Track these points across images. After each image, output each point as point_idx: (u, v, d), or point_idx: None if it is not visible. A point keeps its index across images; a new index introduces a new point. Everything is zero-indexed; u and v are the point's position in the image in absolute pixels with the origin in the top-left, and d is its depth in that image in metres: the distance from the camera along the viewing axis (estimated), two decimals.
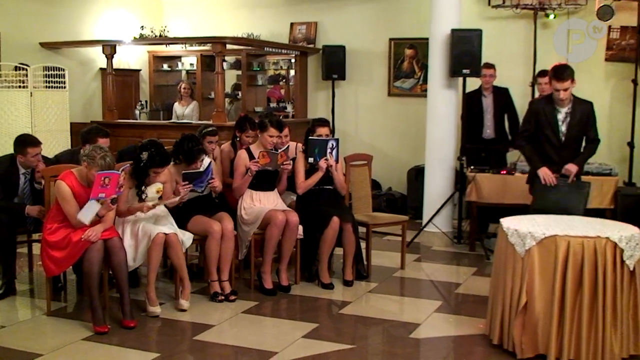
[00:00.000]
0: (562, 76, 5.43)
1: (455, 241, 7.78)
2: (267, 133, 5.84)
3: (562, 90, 5.44)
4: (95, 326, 4.86)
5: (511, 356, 4.42)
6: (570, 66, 5.56)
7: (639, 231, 4.44)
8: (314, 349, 4.60)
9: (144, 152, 5.25)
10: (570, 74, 5.45)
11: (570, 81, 5.45)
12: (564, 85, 5.43)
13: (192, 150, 5.54)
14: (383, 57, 10.05)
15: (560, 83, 5.44)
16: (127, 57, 10.85)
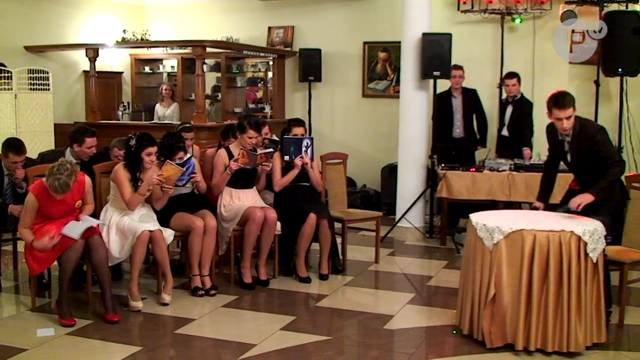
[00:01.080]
0: (563, 103, 4.95)
1: (427, 236, 7.96)
2: (246, 135, 5.96)
3: (565, 118, 4.96)
4: (62, 319, 4.96)
5: (481, 346, 4.54)
6: (569, 93, 5.07)
7: (602, 225, 4.59)
8: (291, 340, 4.70)
9: (131, 139, 5.40)
10: (571, 100, 4.98)
11: (571, 109, 4.96)
12: (566, 113, 4.95)
13: (171, 146, 5.63)
14: (357, 59, 10.22)
15: (561, 111, 4.94)
16: (109, 60, 10.94)
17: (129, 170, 5.44)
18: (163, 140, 5.71)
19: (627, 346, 4.73)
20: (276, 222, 5.94)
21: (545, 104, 5.11)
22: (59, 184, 4.77)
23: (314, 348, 4.61)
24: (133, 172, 5.44)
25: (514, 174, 7.21)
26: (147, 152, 5.43)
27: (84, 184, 5.18)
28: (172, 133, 5.84)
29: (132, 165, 5.44)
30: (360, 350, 4.68)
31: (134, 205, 5.40)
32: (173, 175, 5.43)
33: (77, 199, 5.14)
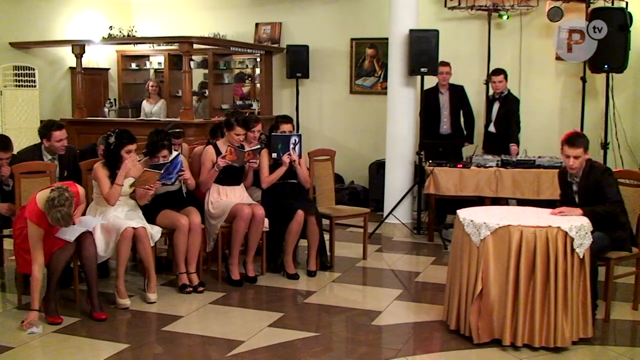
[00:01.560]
0: (574, 142, 5.04)
1: (415, 232, 7.98)
2: (234, 132, 5.96)
3: (573, 157, 5.04)
4: (48, 317, 4.93)
5: (468, 341, 4.57)
6: (585, 135, 5.21)
7: (588, 221, 4.63)
8: (279, 337, 4.70)
9: (110, 136, 5.37)
10: (583, 142, 5.06)
11: (582, 150, 5.03)
12: (575, 152, 5.02)
13: (155, 143, 5.61)
14: (345, 56, 10.22)
15: (571, 149, 5.03)
16: (96, 57, 10.90)
17: (107, 168, 5.42)
18: (150, 136, 5.70)
19: (614, 341, 4.78)
20: (264, 218, 5.94)
21: (560, 141, 5.19)
22: (62, 216, 4.65)
23: (302, 344, 4.61)
24: (112, 169, 5.41)
25: (501, 170, 7.24)
26: (127, 150, 5.41)
27: (79, 196, 5.02)
28: (159, 130, 5.81)
29: (111, 163, 5.42)
30: (348, 347, 4.68)
31: (114, 199, 5.37)
32: (151, 178, 5.43)
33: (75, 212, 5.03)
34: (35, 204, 4.80)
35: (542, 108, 9.00)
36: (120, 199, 5.47)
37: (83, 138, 8.98)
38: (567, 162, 5.11)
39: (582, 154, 5.04)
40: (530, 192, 7.15)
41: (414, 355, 4.46)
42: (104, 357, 4.36)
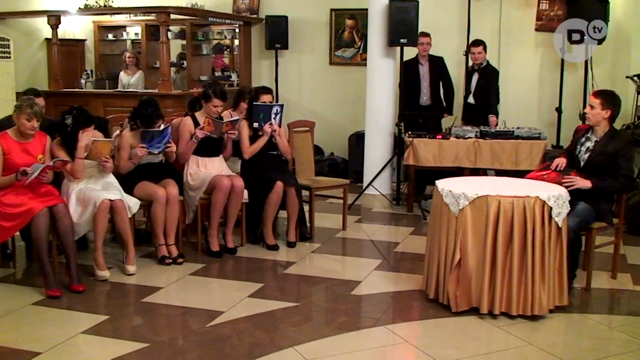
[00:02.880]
0: (597, 93, 5.18)
1: (394, 203, 8.01)
2: (211, 103, 5.92)
3: (590, 105, 5.16)
4: (48, 290, 4.91)
5: (446, 309, 4.62)
6: (609, 92, 5.19)
7: (566, 191, 4.67)
8: (259, 307, 4.72)
9: (67, 117, 5.30)
10: (605, 98, 5.10)
11: (599, 103, 5.08)
12: (592, 102, 5.13)
13: (150, 115, 5.59)
14: (324, 27, 10.15)
15: (592, 97, 5.19)
16: (72, 27, 10.76)
17: (64, 147, 5.33)
18: (141, 108, 5.65)
19: (592, 309, 4.85)
20: (243, 190, 5.93)
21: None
22: (37, 109, 4.99)
23: (282, 314, 4.64)
24: (69, 149, 5.31)
25: (480, 141, 7.28)
26: (84, 131, 5.32)
27: (45, 139, 5.18)
28: (149, 100, 5.74)
29: (68, 144, 5.31)
30: (328, 316, 4.71)
31: (79, 173, 5.31)
32: (104, 149, 5.35)
33: (39, 152, 5.11)
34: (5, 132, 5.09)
35: (521, 79, 9.02)
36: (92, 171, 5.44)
37: (60, 110, 8.85)
38: (587, 110, 5.25)
39: (597, 106, 5.08)
40: (508, 163, 7.21)
41: (393, 324, 4.50)
42: (83, 328, 4.35)
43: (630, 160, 5.14)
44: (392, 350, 4.15)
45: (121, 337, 4.25)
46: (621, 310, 5.00)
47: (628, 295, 5.14)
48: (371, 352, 4.11)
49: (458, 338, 4.29)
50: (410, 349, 4.14)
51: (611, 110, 5.10)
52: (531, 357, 4.02)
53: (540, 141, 7.24)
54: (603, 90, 5.24)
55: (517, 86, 8.97)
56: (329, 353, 4.01)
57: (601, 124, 5.15)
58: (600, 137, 5.17)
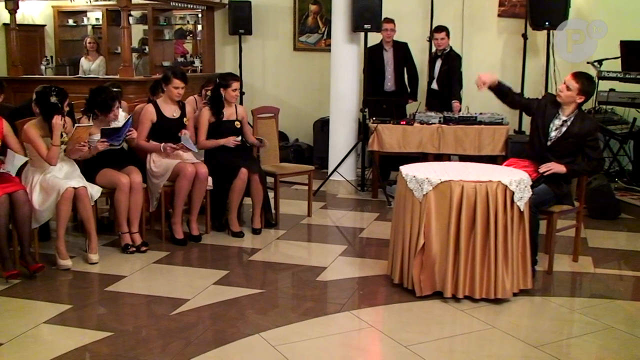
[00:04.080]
0: (575, 75, 5.11)
1: (359, 189, 8.04)
2: (172, 85, 5.89)
3: (566, 85, 5.09)
4: (5, 272, 4.86)
5: (411, 294, 4.65)
6: (591, 79, 5.17)
7: (527, 175, 4.73)
8: (225, 294, 4.71)
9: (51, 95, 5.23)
10: (582, 81, 5.07)
11: (575, 84, 5.05)
12: (570, 82, 5.07)
13: (105, 101, 5.51)
14: (288, 12, 10.10)
15: (570, 77, 5.11)
16: (30, 12, 10.57)
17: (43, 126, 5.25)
18: (94, 97, 5.57)
19: (554, 292, 4.93)
20: (207, 177, 5.90)
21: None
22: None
23: (248, 301, 4.63)
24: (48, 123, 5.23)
25: (443, 127, 7.32)
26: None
27: (2, 123, 5.09)
28: (98, 88, 5.65)
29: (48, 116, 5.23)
30: (293, 302, 4.72)
31: (55, 159, 5.22)
32: (83, 134, 5.29)
33: None
34: None
35: (484, 65, 9.02)
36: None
37: (19, 97, 8.72)
38: (560, 87, 5.19)
39: (574, 90, 5.05)
40: (472, 148, 7.27)
41: (359, 309, 4.52)
42: (45, 318, 4.29)
43: (599, 143, 5.24)
44: (358, 335, 4.17)
45: (85, 327, 4.21)
46: (583, 292, 5.09)
47: (589, 278, 5.22)
48: (337, 337, 4.13)
49: (422, 322, 4.33)
50: (375, 334, 4.17)
51: (585, 97, 5.14)
52: (495, 340, 4.08)
53: (502, 126, 7.30)
54: (584, 74, 5.18)
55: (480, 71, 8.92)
56: (295, 339, 4.02)
57: (570, 105, 5.17)
58: (569, 117, 5.17)
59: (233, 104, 6.31)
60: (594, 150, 5.17)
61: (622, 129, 8.02)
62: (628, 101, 7.85)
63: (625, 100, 7.87)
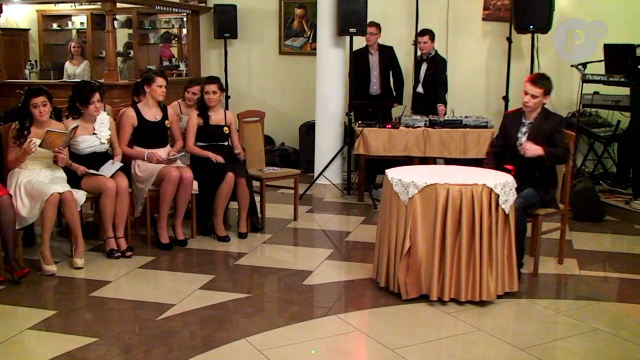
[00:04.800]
0: (536, 82, 5.12)
1: (345, 192, 8.04)
2: (156, 84, 5.88)
3: (531, 95, 5.10)
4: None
5: (397, 297, 4.66)
6: (548, 78, 5.22)
7: (512, 178, 4.75)
8: (211, 299, 4.70)
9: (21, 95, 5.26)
10: (545, 85, 5.11)
11: (541, 91, 5.08)
12: (534, 91, 5.09)
13: (84, 91, 5.52)
14: (274, 16, 10.09)
15: (532, 86, 5.10)
16: (14, 16, 10.50)
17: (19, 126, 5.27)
18: (74, 89, 5.58)
19: (539, 294, 4.95)
20: (192, 181, 5.88)
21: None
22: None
23: (234, 306, 4.62)
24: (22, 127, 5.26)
25: (429, 130, 7.34)
26: (33, 104, 5.24)
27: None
28: (82, 81, 5.65)
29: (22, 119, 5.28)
30: (280, 306, 4.71)
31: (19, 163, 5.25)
32: (58, 140, 5.25)
33: None
34: None
35: (469, 68, 9.12)
36: (43, 162, 5.35)
37: (2, 101, 8.66)
38: (523, 98, 5.17)
39: (539, 95, 5.10)
40: (457, 152, 7.30)
41: (345, 312, 4.52)
42: (30, 324, 4.26)
43: (563, 134, 5.19)
44: (344, 339, 4.17)
45: (70, 332, 4.17)
46: (568, 295, 5.12)
47: (574, 280, 5.25)
48: (323, 341, 4.12)
49: (408, 325, 4.33)
50: (361, 337, 4.17)
51: (549, 95, 5.19)
52: (480, 343, 4.09)
53: (487, 129, 7.33)
54: (539, 76, 5.23)
55: (465, 75, 9.07)
56: (281, 343, 4.02)
57: (537, 109, 5.21)
58: (534, 120, 5.21)
59: (221, 109, 6.35)
60: (559, 141, 5.12)
61: (606, 132, 8.09)
62: (612, 104, 7.92)
63: (609, 103, 7.93)
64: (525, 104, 5.19)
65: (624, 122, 7.95)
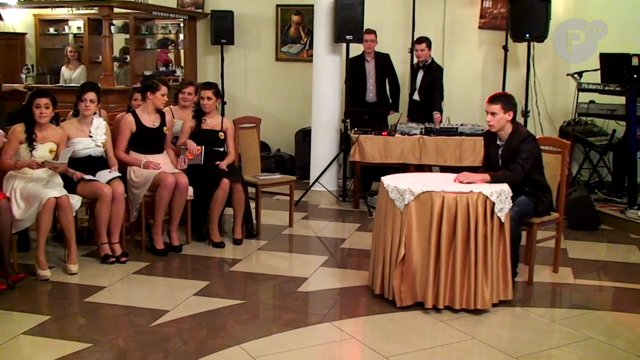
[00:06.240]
0: (492, 99, 5.13)
1: (341, 199, 8.05)
2: (160, 92, 5.89)
3: (490, 113, 5.10)
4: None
5: (392, 305, 4.65)
6: (506, 94, 5.28)
7: (508, 187, 4.75)
8: (205, 305, 4.68)
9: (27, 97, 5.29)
10: (502, 101, 5.09)
11: (499, 107, 5.06)
12: (492, 108, 5.08)
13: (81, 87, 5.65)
14: (270, 22, 10.12)
15: (489, 105, 5.12)
16: (11, 20, 10.49)
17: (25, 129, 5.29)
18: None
19: (534, 302, 4.95)
20: (187, 187, 5.87)
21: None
22: None
23: (229, 312, 4.61)
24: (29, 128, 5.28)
25: (425, 138, 7.35)
26: (35, 104, 5.27)
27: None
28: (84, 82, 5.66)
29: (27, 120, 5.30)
30: (275, 313, 4.71)
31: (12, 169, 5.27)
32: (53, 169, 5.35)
33: None
34: None
35: (465, 76, 9.14)
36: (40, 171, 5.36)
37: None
38: (487, 119, 5.16)
39: (499, 111, 5.06)
40: (452, 159, 7.31)
41: (340, 320, 4.51)
42: (24, 329, 4.25)
43: (524, 152, 5.04)
44: (339, 347, 4.16)
45: (64, 338, 4.16)
46: (563, 303, 5.12)
47: (569, 289, 5.26)
48: (318, 348, 4.11)
49: (403, 333, 4.34)
50: (356, 345, 4.16)
51: (513, 111, 5.13)
52: (475, 351, 4.09)
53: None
54: (497, 94, 5.20)
55: (461, 83, 9.08)
56: (275, 350, 4.01)
57: (505, 127, 5.15)
58: (505, 140, 5.19)
59: (217, 115, 6.38)
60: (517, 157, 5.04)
61: (601, 141, 8.11)
62: (607, 113, 7.94)
63: (605, 112, 7.96)
64: (488, 123, 5.18)
65: (620, 131, 7.97)
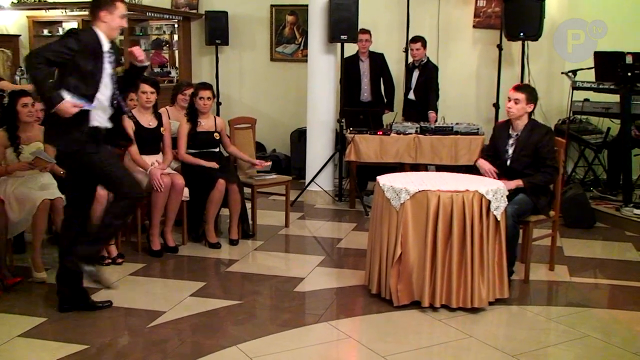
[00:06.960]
0: (518, 88, 5.23)
1: (337, 199, 8.04)
2: (140, 90, 5.87)
3: (513, 99, 5.16)
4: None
5: (388, 304, 4.66)
6: (531, 86, 5.36)
7: (504, 185, 4.77)
8: (202, 306, 4.68)
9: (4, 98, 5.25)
10: (527, 92, 5.19)
11: (523, 96, 5.14)
12: (516, 95, 5.15)
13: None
14: (265, 23, 10.11)
15: (513, 92, 5.19)
16: (5, 22, 10.44)
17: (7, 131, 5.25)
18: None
19: (530, 301, 4.95)
20: (183, 188, 5.87)
21: None
22: None
23: (226, 313, 4.61)
24: (11, 131, 5.24)
25: (420, 137, 7.36)
26: (22, 103, 5.24)
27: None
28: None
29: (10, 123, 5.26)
30: (271, 313, 4.70)
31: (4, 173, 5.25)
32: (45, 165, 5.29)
33: None
34: None
35: (460, 76, 9.15)
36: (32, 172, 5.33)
37: None
38: (507, 105, 5.23)
39: (522, 101, 5.14)
40: (448, 158, 7.31)
41: (337, 319, 4.51)
42: (20, 331, 4.24)
43: (552, 149, 5.18)
44: (336, 346, 4.16)
45: (60, 340, 4.15)
46: (559, 301, 5.13)
47: (565, 287, 5.27)
48: (315, 348, 4.11)
49: (400, 332, 4.33)
50: (353, 344, 4.16)
51: (534, 105, 5.23)
52: (472, 350, 4.09)
53: (478, 136, 7.34)
54: (525, 85, 5.31)
55: (456, 82, 9.09)
56: (272, 350, 4.00)
57: (523, 118, 5.24)
58: (520, 131, 5.25)
59: (211, 115, 6.35)
60: (546, 156, 5.15)
61: (596, 139, 8.13)
62: (602, 111, 7.96)
63: (600, 110, 7.98)
64: (508, 110, 5.24)
65: (614, 129, 7.98)
